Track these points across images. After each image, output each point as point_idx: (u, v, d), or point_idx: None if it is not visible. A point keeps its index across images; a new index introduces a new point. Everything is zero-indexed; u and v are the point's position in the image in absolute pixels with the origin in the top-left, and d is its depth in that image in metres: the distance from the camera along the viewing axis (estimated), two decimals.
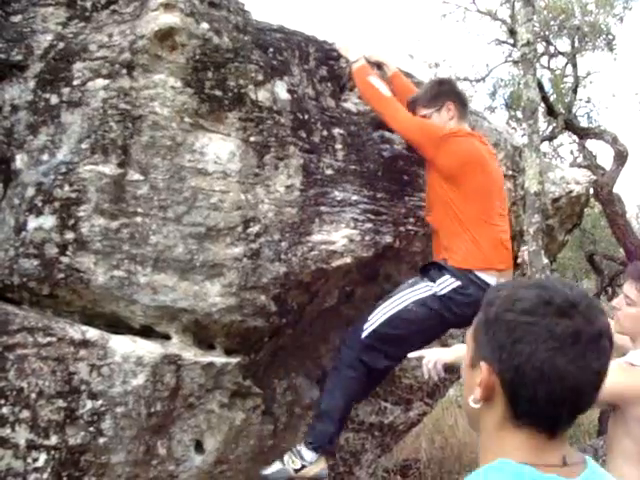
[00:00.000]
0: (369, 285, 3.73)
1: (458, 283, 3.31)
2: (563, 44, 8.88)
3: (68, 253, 3.04)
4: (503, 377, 1.28)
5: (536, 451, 1.28)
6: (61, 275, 3.05)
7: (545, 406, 1.26)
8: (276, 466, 3.30)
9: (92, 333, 3.07)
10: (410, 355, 3.08)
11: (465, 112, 3.64)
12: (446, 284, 3.33)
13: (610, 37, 8.56)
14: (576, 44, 8.41)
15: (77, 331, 3.05)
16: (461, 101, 3.65)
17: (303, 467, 3.25)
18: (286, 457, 3.29)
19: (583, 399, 1.28)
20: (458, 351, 2.90)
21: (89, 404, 3.00)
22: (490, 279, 3.29)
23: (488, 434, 1.36)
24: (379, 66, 3.78)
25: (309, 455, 3.27)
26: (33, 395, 2.93)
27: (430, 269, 3.40)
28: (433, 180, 3.47)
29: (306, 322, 3.56)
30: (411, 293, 3.35)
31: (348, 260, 3.32)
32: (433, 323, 3.36)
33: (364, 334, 3.31)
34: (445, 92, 3.63)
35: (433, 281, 3.34)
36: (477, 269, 3.32)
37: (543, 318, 1.25)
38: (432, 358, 2.91)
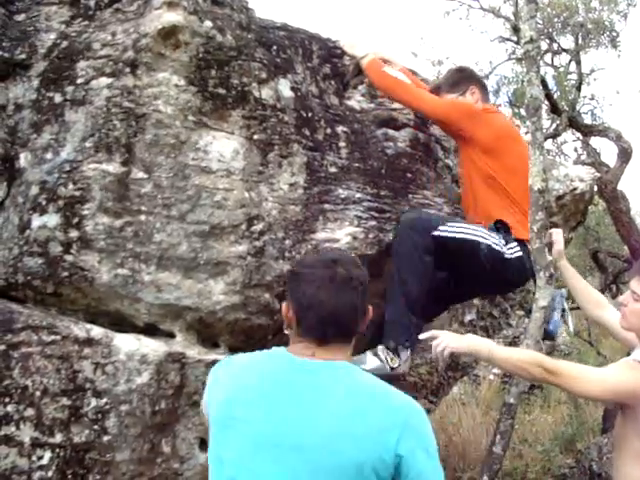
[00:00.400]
0: (373, 283, 3.71)
1: (520, 253, 3.41)
2: (567, 41, 8.88)
3: (72, 251, 3.04)
4: (293, 308, 1.99)
5: (302, 349, 1.96)
6: (65, 273, 3.05)
7: (315, 325, 1.93)
8: (374, 362, 3.27)
9: (96, 331, 3.07)
10: (422, 336, 3.08)
11: (487, 95, 3.80)
12: (514, 250, 3.42)
13: (614, 34, 8.54)
14: (580, 41, 8.39)
15: (81, 329, 3.05)
16: (482, 85, 3.80)
17: (399, 366, 3.27)
18: (383, 354, 3.26)
19: (341, 322, 1.94)
20: (470, 342, 2.86)
21: (93, 402, 3.00)
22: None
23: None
24: (385, 63, 3.78)
25: (405, 354, 3.28)
26: (38, 393, 2.93)
27: (500, 229, 3.45)
28: (472, 156, 3.53)
29: None
30: (490, 238, 3.40)
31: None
32: (485, 276, 3.43)
33: (436, 233, 3.34)
34: (467, 77, 3.79)
35: (506, 242, 3.42)
36: (526, 241, 3.40)
37: (315, 269, 1.95)
38: (443, 343, 2.87)
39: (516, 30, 8.20)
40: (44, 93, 3.23)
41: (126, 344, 3.08)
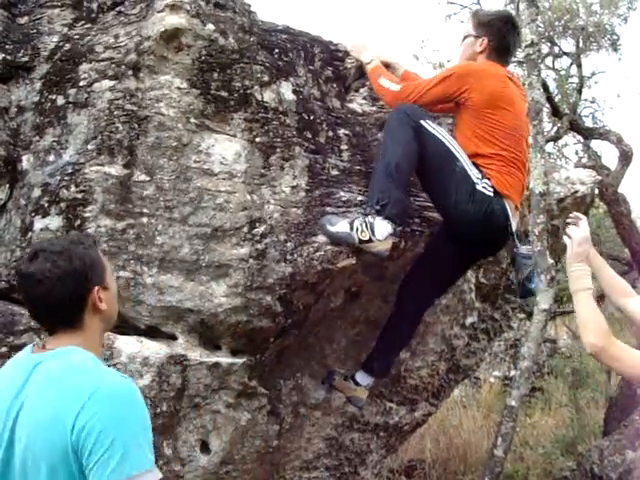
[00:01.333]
0: (375, 285, 3.73)
1: (491, 194, 3.36)
2: (568, 44, 8.88)
3: None
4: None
5: (43, 342, 1.96)
6: None
7: (38, 318, 1.96)
8: (343, 226, 3.24)
9: None
10: None
11: (501, 56, 3.65)
12: (486, 187, 3.38)
13: (615, 37, 8.55)
14: (581, 44, 8.40)
15: None
16: (499, 41, 3.65)
17: (370, 241, 3.18)
18: (357, 223, 3.21)
19: (56, 312, 1.90)
20: (580, 267, 2.86)
21: None
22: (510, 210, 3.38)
23: None
24: (388, 67, 3.78)
25: (382, 230, 3.18)
26: None
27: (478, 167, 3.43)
28: (464, 117, 3.51)
29: (312, 322, 3.56)
30: (469, 164, 3.38)
31: (353, 261, 3.32)
32: (452, 197, 3.37)
33: (424, 124, 3.35)
34: (490, 27, 3.67)
35: (479, 176, 3.39)
36: (505, 196, 3.39)
37: (23, 264, 1.91)
38: (575, 236, 2.89)
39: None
40: (46, 95, 3.24)
41: (128, 346, 3.08)
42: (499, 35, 3.64)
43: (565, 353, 11.21)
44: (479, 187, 3.35)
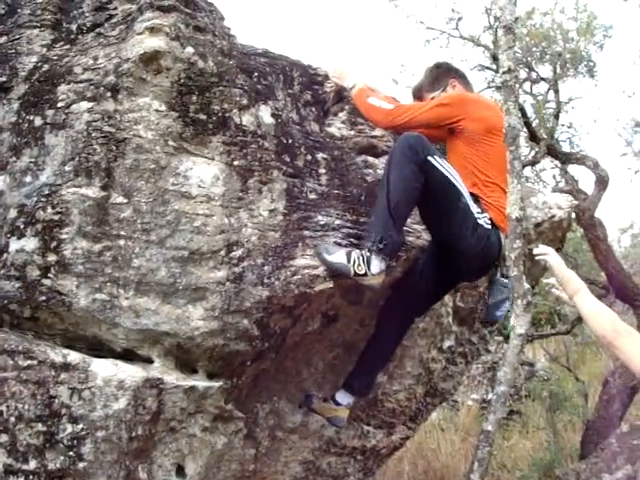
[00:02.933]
0: (352, 309, 3.73)
1: (489, 227, 3.48)
2: (545, 70, 8.96)
3: (50, 275, 3.03)
4: None
5: None
6: (43, 298, 3.03)
7: None
8: (340, 257, 3.27)
9: (73, 356, 3.05)
10: (536, 250, 3.13)
11: (469, 85, 3.86)
12: (485, 220, 3.49)
13: (591, 64, 8.66)
14: (558, 70, 8.48)
15: (58, 354, 3.03)
16: (462, 75, 3.87)
17: (365, 275, 3.24)
18: (354, 255, 3.26)
19: None
20: (568, 274, 3.00)
21: (69, 428, 2.97)
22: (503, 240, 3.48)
23: None
24: (371, 92, 3.81)
25: (377, 266, 3.25)
26: (12, 419, 2.91)
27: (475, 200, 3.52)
28: (459, 146, 3.60)
29: (289, 346, 3.55)
30: (470, 200, 3.46)
31: (331, 284, 3.32)
32: (456, 228, 3.44)
33: (430, 159, 3.36)
34: (444, 72, 3.88)
35: (481, 211, 3.49)
36: (501, 229, 3.49)
37: None
38: (551, 254, 3.07)
39: (495, 59, 8.28)
40: (24, 116, 3.23)
41: (103, 369, 3.05)
42: (454, 69, 3.90)
43: (543, 376, 11.25)
44: (480, 222, 3.44)
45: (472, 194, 3.50)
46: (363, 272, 3.23)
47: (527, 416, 9.79)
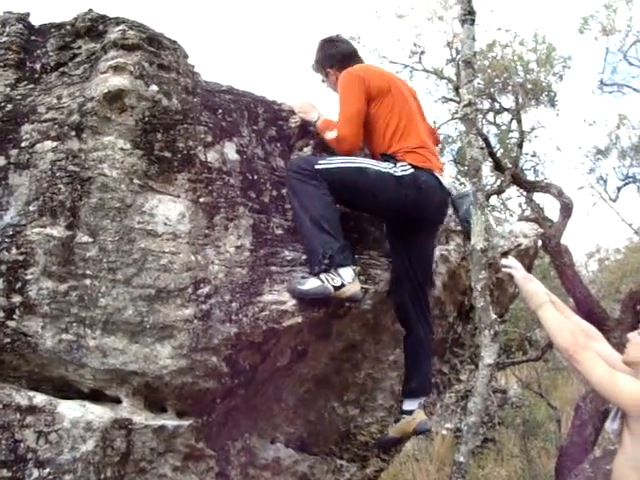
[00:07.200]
0: (321, 343, 3.72)
1: (412, 170, 3.61)
2: (507, 100, 9.13)
3: (15, 317, 2.99)
4: None
5: None
6: (7, 340, 2.99)
7: None
8: (313, 282, 3.31)
9: (39, 398, 3.01)
10: (504, 261, 3.30)
11: (348, 61, 3.93)
12: (405, 168, 3.61)
13: (552, 94, 8.84)
14: (520, 100, 8.64)
15: (24, 397, 2.99)
16: (337, 59, 3.98)
17: (342, 285, 3.30)
18: (323, 276, 3.30)
19: None
20: (532, 288, 3.08)
21: (35, 473, 2.92)
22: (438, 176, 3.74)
23: None
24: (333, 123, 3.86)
25: (346, 274, 3.33)
26: None
27: (387, 158, 3.67)
28: (372, 117, 3.74)
29: (259, 382, 3.53)
30: (378, 164, 3.62)
31: (299, 319, 3.32)
32: (380, 196, 3.60)
33: (319, 166, 3.51)
34: (319, 63, 4.05)
35: (394, 164, 3.62)
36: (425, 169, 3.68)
37: None
38: (517, 268, 3.19)
39: (458, 90, 8.41)
40: None
41: (71, 411, 3.01)
42: (326, 55, 3.99)
43: (515, 403, 11.29)
44: (399, 173, 3.59)
45: (384, 154, 3.67)
46: (340, 283, 3.30)
47: (501, 443, 9.80)
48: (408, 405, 3.86)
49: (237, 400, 3.48)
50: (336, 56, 3.99)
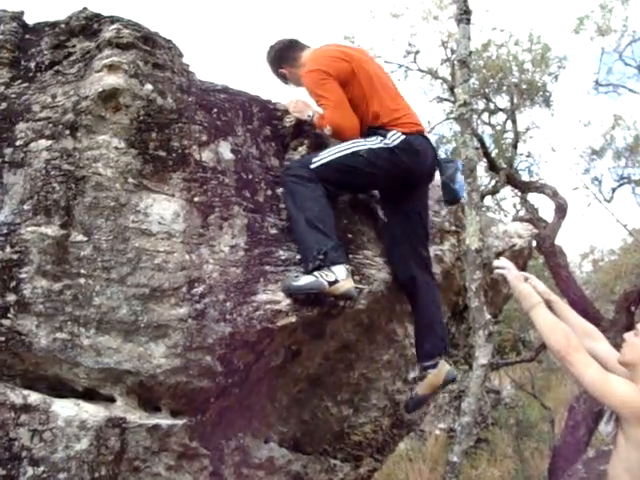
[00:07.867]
0: (315, 343, 3.72)
1: (403, 136, 3.70)
2: (502, 101, 9.15)
3: (9, 315, 2.99)
4: None
5: None
6: (2, 338, 2.99)
7: None
8: (307, 278, 3.32)
9: (34, 397, 3.01)
10: (496, 263, 3.29)
11: (290, 52, 4.00)
12: (395, 137, 3.69)
13: (547, 94, 8.86)
14: (515, 101, 8.66)
15: (18, 395, 2.99)
16: (285, 57, 4.02)
17: (336, 281, 3.30)
18: (317, 272, 3.31)
19: None
20: (524, 290, 3.08)
21: (30, 471, 2.92)
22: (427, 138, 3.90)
23: None
24: None
25: (340, 271, 3.33)
26: None
27: (372, 132, 3.74)
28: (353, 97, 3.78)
29: (253, 381, 3.53)
30: (366, 142, 3.67)
31: (293, 319, 3.31)
32: (378, 172, 3.68)
33: (312, 165, 3.56)
34: (274, 67, 4.07)
35: (384, 136, 3.70)
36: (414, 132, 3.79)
37: None
38: (510, 269, 3.18)
39: (453, 90, 8.42)
40: None
41: (65, 410, 3.02)
42: (274, 60, 4.05)
43: (509, 404, 11.31)
44: (392, 143, 3.67)
45: (372, 127, 3.75)
46: (334, 279, 3.30)
47: (494, 444, 9.82)
48: (429, 363, 3.84)
49: (231, 399, 3.48)
50: (276, 56, 4.05)
